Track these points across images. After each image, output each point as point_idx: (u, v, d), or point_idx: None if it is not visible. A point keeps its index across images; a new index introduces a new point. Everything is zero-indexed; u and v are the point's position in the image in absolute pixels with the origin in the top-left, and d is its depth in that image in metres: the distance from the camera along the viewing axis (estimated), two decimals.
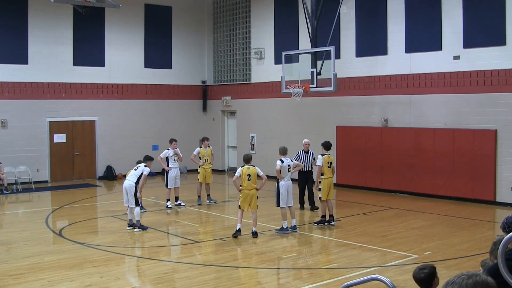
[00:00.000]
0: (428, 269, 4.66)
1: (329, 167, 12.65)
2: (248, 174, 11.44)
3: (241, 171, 11.52)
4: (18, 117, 19.63)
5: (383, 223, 13.08)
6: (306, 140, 14.60)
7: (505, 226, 4.83)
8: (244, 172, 11.47)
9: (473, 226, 12.77)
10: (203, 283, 8.54)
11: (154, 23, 22.61)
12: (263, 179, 11.56)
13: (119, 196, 17.33)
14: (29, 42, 19.85)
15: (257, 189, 11.58)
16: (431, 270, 4.68)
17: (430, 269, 4.67)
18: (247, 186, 11.45)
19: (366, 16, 17.91)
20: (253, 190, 11.50)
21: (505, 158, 14.80)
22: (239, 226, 11.48)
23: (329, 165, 12.66)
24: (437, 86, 16.14)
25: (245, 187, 11.45)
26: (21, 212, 15.72)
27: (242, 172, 11.49)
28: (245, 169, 11.51)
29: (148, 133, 22.27)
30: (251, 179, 11.45)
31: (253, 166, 11.64)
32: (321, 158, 12.60)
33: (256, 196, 11.59)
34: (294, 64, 16.94)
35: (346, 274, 8.95)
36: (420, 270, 4.68)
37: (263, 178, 11.56)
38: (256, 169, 11.57)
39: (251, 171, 11.49)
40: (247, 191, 11.45)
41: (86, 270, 9.25)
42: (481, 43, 15.14)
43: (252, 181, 11.47)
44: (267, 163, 20.19)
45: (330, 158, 12.82)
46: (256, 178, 11.54)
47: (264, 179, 11.59)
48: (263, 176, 11.57)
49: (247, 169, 11.50)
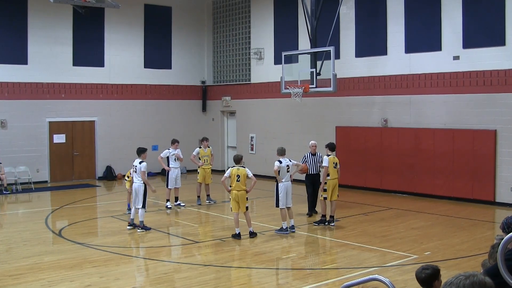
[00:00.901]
0: (430, 270, 4.59)
1: (334, 167, 12.65)
2: (237, 175, 11.39)
3: (230, 172, 11.48)
4: (17, 117, 19.63)
5: (383, 223, 13.09)
6: (313, 142, 13.96)
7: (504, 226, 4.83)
8: (233, 173, 11.42)
9: (473, 226, 12.77)
10: (202, 283, 8.54)
11: (153, 23, 22.61)
12: (252, 180, 11.48)
13: (119, 196, 17.38)
14: (29, 42, 19.84)
15: (246, 191, 11.51)
16: (433, 271, 4.59)
17: (433, 271, 4.59)
18: (235, 187, 11.39)
19: (366, 16, 17.91)
20: (242, 191, 11.41)
21: (505, 158, 14.80)
22: (237, 230, 11.44)
23: (334, 166, 12.66)
24: (437, 86, 16.15)
25: (233, 188, 11.41)
26: (21, 213, 15.72)
27: (231, 172, 11.45)
28: (234, 170, 11.47)
29: (147, 133, 22.26)
30: (241, 180, 11.38)
31: (243, 167, 11.59)
32: (327, 158, 12.59)
33: (245, 198, 11.50)
34: (293, 64, 16.94)
35: (345, 274, 8.95)
36: (423, 270, 4.62)
37: (253, 180, 11.47)
38: (245, 170, 11.49)
39: (241, 172, 11.42)
40: (235, 192, 11.39)
41: (86, 270, 9.25)
42: (481, 43, 15.14)
43: (242, 182, 11.39)
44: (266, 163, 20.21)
45: (335, 159, 12.81)
46: (245, 180, 11.45)
47: (254, 181, 11.49)
48: (252, 177, 11.48)
49: (236, 170, 11.44)
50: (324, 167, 12.57)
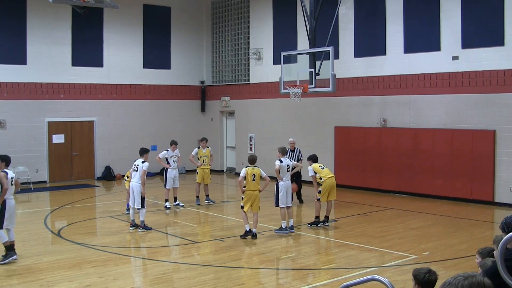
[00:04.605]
0: (434, 276, 4.19)
1: (322, 169, 12.65)
2: (253, 174, 11.47)
3: (246, 172, 11.51)
4: (16, 117, 19.61)
5: (382, 223, 13.09)
6: (291, 139, 15.68)
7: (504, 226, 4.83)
8: (249, 173, 11.47)
9: (472, 226, 12.77)
10: (202, 284, 8.54)
11: (152, 23, 22.61)
12: (266, 181, 11.57)
13: (117, 196, 17.38)
14: (28, 42, 19.83)
15: (259, 190, 11.60)
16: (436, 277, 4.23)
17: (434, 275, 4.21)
18: (251, 187, 11.46)
19: (365, 16, 17.91)
20: (256, 191, 11.52)
21: (504, 159, 14.81)
22: (248, 227, 11.50)
23: (322, 168, 12.67)
24: (436, 86, 16.16)
25: (249, 188, 11.46)
26: (20, 213, 15.65)
27: (247, 172, 11.50)
28: (250, 169, 11.52)
29: (146, 133, 22.26)
30: (256, 180, 11.49)
31: (257, 167, 11.67)
32: (311, 168, 12.62)
33: (259, 197, 11.60)
34: (292, 65, 16.94)
35: (345, 274, 8.95)
36: (431, 273, 4.18)
37: (266, 180, 11.56)
38: (260, 170, 11.60)
39: (256, 172, 11.52)
40: (251, 192, 11.45)
41: (85, 270, 9.24)
42: (480, 43, 15.15)
43: (256, 181, 11.50)
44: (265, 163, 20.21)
45: (319, 164, 12.83)
46: (259, 179, 11.56)
47: (267, 181, 11.60)
48: (266, 177, 11.58)
49: (251, 170, 11.51)
50: (311, 176, 12.61)
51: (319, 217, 12.68)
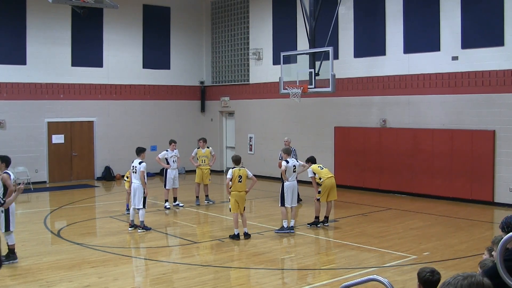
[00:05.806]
0: (436, 277, 4.28)
1: (322, 169, 12.66)
2: (239, 175, 11.35)
3: (232, 173, 11.38)
4: (16, 117, 19.61)
5: (382, 223, 13.09)
6: (286, 138, 15.73)
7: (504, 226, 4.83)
8: (235, 174, 11.36)
9: (472, 226, 12.78)
10: (201, 284, 8.54)
11: (152, 23, 22.61)
12: (253, 180, 11.48)
13: (117, 196, 17.38)
14: (27, 42, 19.83)
15: (246, 191, 11.52)
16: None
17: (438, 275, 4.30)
18: (237, 188, 11.33)
19: (365, 16, 17.91)
20: (243, 192, 11.40)
21: (503, 159, 14.82)
22: (237, 231, 11.43)
23: (321, 168, 12.68)
24: (436, 86, 16.16)
25: (235, 189, 11.32)
26: (20, 213, 15.63)
27: (233, 174, 11.37)
28: (236, 170, 11.37)
29: (146, 133, 22.26)
30: (242, 181, 11.36)
31: (243, 168, 11.59)
32: (310, 169, 12.61)
33: (245, 198, 11.54)
34: (292, 65, 16.94)
35: (344, 274, 8.95)
36: (435, 273, 4.29)
37: (253, 180, 11.47)
38: (246, 171, 11.47)
39: (242, 173, 11.38)
40: (237, 193, 11.33)
41: (85, 270, 9.24)
42: (480, 43, 15.16)
43: (243, 183, 11.36)
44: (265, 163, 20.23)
45: (318, 164, 12.84)
46: (245, 180, 11.45)
47: (254, 180, 11.50)
48: (253, 177, 11.48)
49: (238, 171, 11.38)
50: (311, 177, 12.61)
51: (318, 217, 12.67)
